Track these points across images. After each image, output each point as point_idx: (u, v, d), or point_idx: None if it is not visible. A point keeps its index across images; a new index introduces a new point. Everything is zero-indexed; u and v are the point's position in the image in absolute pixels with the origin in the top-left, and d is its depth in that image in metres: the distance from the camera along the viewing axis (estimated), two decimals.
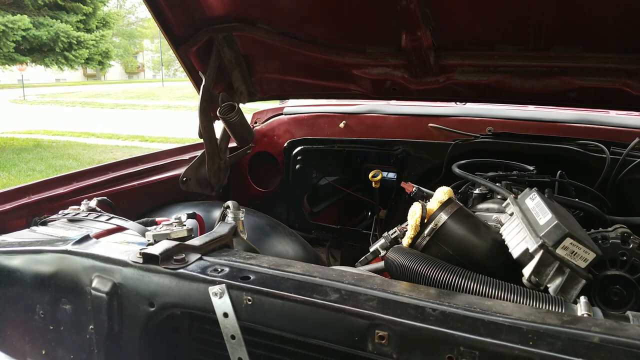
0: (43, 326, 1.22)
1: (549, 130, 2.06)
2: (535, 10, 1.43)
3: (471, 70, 1.70)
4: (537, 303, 1.00)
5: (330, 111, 2.47)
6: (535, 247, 1.07)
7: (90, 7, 12.62)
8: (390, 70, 1.79)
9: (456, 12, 1.56)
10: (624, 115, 2.07)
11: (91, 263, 1.15)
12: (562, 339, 0.80)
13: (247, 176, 2.56)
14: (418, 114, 2.29)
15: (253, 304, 0.99)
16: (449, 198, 1.31)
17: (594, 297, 1.22)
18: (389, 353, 0.88)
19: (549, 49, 1.55)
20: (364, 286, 0.98)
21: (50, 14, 11.91)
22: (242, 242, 1.35)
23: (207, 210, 1.80)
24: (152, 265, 1.09)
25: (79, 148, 10.52)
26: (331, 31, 1.78)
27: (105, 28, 13.43)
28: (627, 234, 1.24)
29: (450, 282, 1.08)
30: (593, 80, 1.58)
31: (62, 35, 11.53)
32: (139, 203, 1.88)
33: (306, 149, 2.40)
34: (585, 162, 1.86)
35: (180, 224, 1.24)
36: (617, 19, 1.41)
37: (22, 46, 11.44)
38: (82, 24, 12.47)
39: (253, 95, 2.13)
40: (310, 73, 1.96)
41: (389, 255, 1.24)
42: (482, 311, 0.88)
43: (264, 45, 1.88)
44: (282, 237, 1.84)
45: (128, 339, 1.14)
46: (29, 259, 1.22)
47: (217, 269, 1.07)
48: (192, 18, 1.83)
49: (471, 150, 2.04)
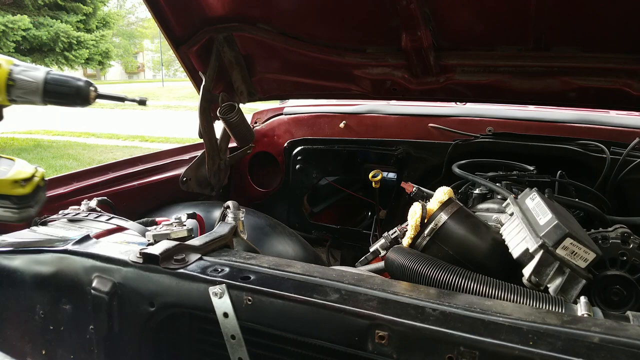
0: (43, 326, 1.22)
1: (549, 130, 2.06)
2: (535, 11, 1.43)
3: (471, 70, 1.70)
4: (537, 303, 1.00)
5: (330, 111, 2.47)
6: (535, 247, 1.07)
7: (90, 7, 12.63)
8: (391, 70, 1.79)
9: (456, 12, 1.56)
10: (624, 115, 2.07)
11: (91, 263, 1.15)
12: (562, 339, 0.80)
13: (247, 176, 2.56)
14: (418, 114, 2.29)
15: (253, 304, 0.99)
16: (449, 198, 1.31)
17: (594, 297, 1.22)
18: (389, 353, 0.88)
19: (549, 49, 1.55)
20: (364, 286, 0.98)
21: (50, 14, 11.92)
22: (242, 242, 1.35)
23: (207, 210, 1.80)
24: (152, 265, 1.09)
25: (79, 148, 10.52)
26: (331, 31, 1.78)
27: (105, 28, 13.44)
28: (627, 234, 1.24)
29: (451, 282, 1.08)
30: (593, 80, 1.58)
31: (62, 35, 11.54)
32: (139, 203, 1.88)
33: (306, 149, 2.40)
34: (586, 162, 1.86)
35: (180, 224, 1.24)
36: (617, 19, 1.41)
37: (22, 46, 11.45)
38: (82, 24, 12.48)
39: (253, 95, 2.13)
40: (310, 73, 1.96)
41: (389, 255, 1.24)
42: (482, 311, 0.88)
43: (264, 45, 1.88)
44: (282, 237, 1.84)
45: (128, 339, 1.14)
46: (29, 259, 1.22)
47: (217, 269, 1.07)
48: (192, 18, 1.83)
49: (471, 150, 2.04)
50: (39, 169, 1.26)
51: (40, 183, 1.24)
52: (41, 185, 1.25)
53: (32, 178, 1.22)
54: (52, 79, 1.11)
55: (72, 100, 1.12)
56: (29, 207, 1.22)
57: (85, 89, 1.12)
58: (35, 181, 1.22)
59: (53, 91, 1.11)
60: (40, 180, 1.25)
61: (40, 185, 1.25)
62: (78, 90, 1.12)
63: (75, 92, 1.12)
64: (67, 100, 1.12)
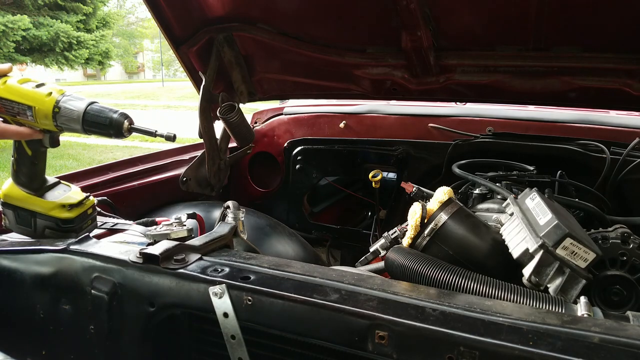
0: (43, 326, 1.22)
1: (549, 130, 2.06)
2: (536, 11, 1.43)
3: (471, 70, 1.70)
4: (537, 303, 1.00)
5: (330, 111, 2.47)
6: (535, 247, 1.07)
7: (90, 7, 12.63)
8: (391, 70, 1.79)
9: (456, 12, 1.56)
10: (624, 115, 2.07)
11: (91, 263, 1.15)
12: (562, 339, 0.80)
13: (247, 176, 2.56)
14: (418, 114, 2.29)
15: (253, 304, 0.99)
16: (449, 198, 1.31)
17: (594, 297, 1.22)
18: (389, 353, 0.88)
19: (549, 49, 1.55)
20: (364, 286, 0.98)
21: (50, 14, 11.92)
22: (242, 242, 1.35)
23: (207, 210, 1.80)
24: (152, 265, 1.09)
25: (79, 148, 10.51)
26: (331, 31, 1.78)
27: (105, 28, 13.44)
28: (627, 234, 1.24)
29: (451, 282, 1.08)
30: (593, 80, 1.58)
31: (62, 35, 11.54)
32: (139, 203, 1.88)
33: (306, 149, 2.40)
34: (586, 162, 1.86)
35: (180, 224, 1.24)
36: (617, 19, 1.41)
37: (22, 46, 11.44)
38: (82, 24, 12.48)
39: (253, 95, 2.13)
40: (310, 73, 1.96)
41: (389, 255, 1.24)
42: (482, 311, 0.88)
43: (264, 45, 1.88)
44: (282, 237, 1.84)
45: (128, 339, 1.14)
46: (29, 259, 1.22)
47: (217, 269, 1.07)
48: (192, 18, 1.83)
49: (471, 150, 2.04)
50: (90, 198, 1.35)
51: (88, 210, 1.34)
52: (89, 213, 1.35)
53: (79, 204, 1.32)
54: (92, 109, 1.18)
55: (107, 131, 1.18)
56: (71, 232, 1.30)
57: (117, 120, 1.17)
58: (82, 208, 1.32)
59: (91, 120, 1.17)
60: (89, 207, 1.35)
61: (88, 212, 1.35)
62: (111, 121, 1.17)
63: (109, 123, 1.17)
64: (102, 131, 1.18)
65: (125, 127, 1.18)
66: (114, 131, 1.17)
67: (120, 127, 1.17)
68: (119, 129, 1.17)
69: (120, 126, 1.17)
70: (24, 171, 1.30)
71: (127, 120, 1.18)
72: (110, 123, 1.16)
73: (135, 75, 56.06)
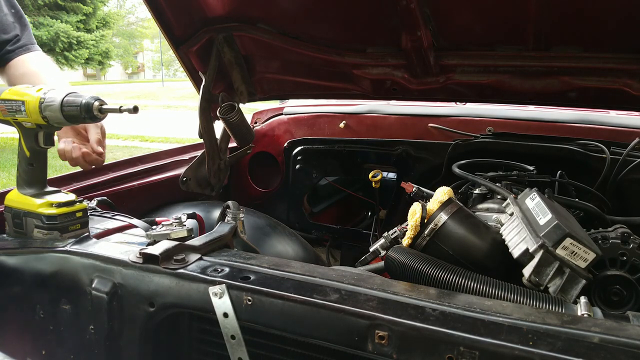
0: (43, 326, 1.22)
1: (549, 130, 2.06)
2: (535, 10, 1.43)
3: (471, 70, 1.69)
4: (537, 303, 1.00)
5: (330, 111, 2.47)
6: (535, 247, 1.07)
7: (90, 7, 12.65)
8: (391, 70, 1.79)
9: (456, 12, 1.56)
10: (624, 115, 2.07)
11: (91, 263, 1.15)
12: (562, 339, 0.80)
13: (247, 176, 2.56)
14: (418, 114, 2.29)
15: (253, 304, 0.99)
16: (449, 198, 1.31)
17: (594, 297, 1.22)
18: (389, 353, 0.88)
19: (549, 49, 1.54)
20: (364, 286, 0.98)
21: (50, 14, 11.92)
22: (242, 242, 1.35)
23: (207, 210, 1.80)
24: (152, 265, 1.09)
25: None
26: (331, 31, 1.78)
27: (105, 28, 13.45)
28: (627, 234, 1.24)
29: (451, 282, 1.08)
30: (593, 80, 1.58)
31: (62, 35, 11.55)
32: (139, 203, 1.88)
33: (306, 149, 2.40)
34: (586, 162, 1.86)
35: (180, 224, 1.24)
36: (617, 19, 1.41)
37: None
38: (82, 24, 12.49)
39: (253, 95, 2.13)
40: (310, 73, 1.96)
41: (389, 255, 1.24)
42: (482, 311, 0.88)
43: (264, 45, 1.88)
44: (282, 237, 1.84)
45: (128, 339, 1.14)
46: (29, 259, 1.23)
47: (217, 269, 1.07)
48: (192, 18, 1.83)
49: (471, 150, 2.04)
50: (83, 202, 1.36)
51: (77, 213, 1.33)
52: (78, 216, 1.34)
53: (67, 204, 1.32)
54: (68, 96, 1.23)
55: (81, 115, 1.22)
56: (54, 230, 1.29)
57: (87, 102, 1.21)
58: (69, 208, 1.32)
59: (67, 106, 1.23)
60: (78, 210, 1.34)
61: (77, 215, 1.34)
62: (81, 104, 1.21)
63: (80, 104, 1.21)
64: (78, 115, 1.22)
65: (96, 107, 1.22)
66: (87, 114, 1.21)
67: (90, 108, 1.21)
68: (89, 110, 1.21)
69: (90, 107, 1.21)
70: (22, 174, 1.35)
71: (97, 101, 1.22)
72: (81, 105, 1.21)
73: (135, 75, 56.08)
